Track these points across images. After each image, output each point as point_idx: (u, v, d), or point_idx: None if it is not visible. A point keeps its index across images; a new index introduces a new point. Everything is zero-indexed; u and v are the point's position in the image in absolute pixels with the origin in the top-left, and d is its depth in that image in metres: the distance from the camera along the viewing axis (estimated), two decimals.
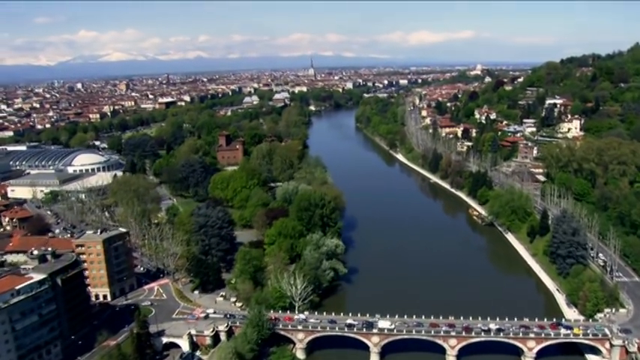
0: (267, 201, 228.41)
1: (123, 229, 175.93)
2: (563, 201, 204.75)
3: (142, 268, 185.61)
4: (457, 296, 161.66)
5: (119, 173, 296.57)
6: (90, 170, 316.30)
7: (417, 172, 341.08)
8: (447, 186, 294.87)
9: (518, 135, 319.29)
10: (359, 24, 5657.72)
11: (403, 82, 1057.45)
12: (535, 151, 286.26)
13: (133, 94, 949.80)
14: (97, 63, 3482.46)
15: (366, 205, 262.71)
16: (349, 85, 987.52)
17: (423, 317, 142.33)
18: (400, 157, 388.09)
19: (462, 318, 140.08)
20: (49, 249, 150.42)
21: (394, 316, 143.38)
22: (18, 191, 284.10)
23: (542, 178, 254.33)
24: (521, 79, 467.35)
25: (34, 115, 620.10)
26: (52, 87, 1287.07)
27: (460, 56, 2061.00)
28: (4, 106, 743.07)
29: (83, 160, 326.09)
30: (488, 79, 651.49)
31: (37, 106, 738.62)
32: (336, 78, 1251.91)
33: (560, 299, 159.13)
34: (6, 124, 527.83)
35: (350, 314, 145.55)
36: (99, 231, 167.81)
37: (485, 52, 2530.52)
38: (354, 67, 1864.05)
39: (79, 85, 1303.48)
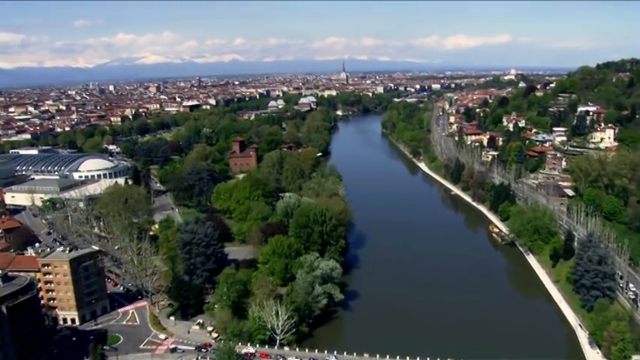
0: (268, 214, 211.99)
1: (95, 247, 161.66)
2: (592, 220, 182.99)
3: (121, 288, 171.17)
4: (469, 329, 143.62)
5: (121, 181, 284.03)
6: (96, 177, 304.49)
7: (440, 182, 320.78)
8: (468, 199, 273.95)
9: (547, 144, 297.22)
10: (395, 28, 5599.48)
11: (436, 86, 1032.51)
12: (564, 163, 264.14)
13: (162, 96, 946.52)
14: (133, 65, 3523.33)
15: (378, 219, 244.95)
16: (380, 90, 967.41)
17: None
18: (423, 165, 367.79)
19: None
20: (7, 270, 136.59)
21: (395, 357, 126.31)
22: (18, 198, 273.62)
23: (570, 192, 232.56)
24: (553, 85, 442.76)
25: (58, 118, 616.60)
26: (86, 89, 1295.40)
27: (496, 61, 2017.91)
28: (31, 108, 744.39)
29: (90, 166, 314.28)
30: (522, 85, 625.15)
31: (64, 108, 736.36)
32: (368, 82, 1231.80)
33: (582, 337, 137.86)
34: (26, 126, 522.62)
35: (344, 353, 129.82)
36: (67, 249, 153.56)
37: (521, 57, 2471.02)
38: (388, 71, 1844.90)
39: (111, 87, 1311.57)
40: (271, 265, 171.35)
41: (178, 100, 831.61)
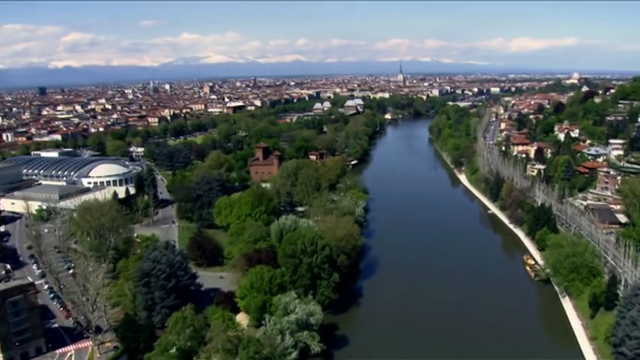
0: (262, 237, 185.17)
1: (29, 280, 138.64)
2: None
3: (72, 322, 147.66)
4: None
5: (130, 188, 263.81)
6: (105, 183, 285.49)
7: (479, 198, 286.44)
8: (506, 220, 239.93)
9: (601, 159, 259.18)
10: (458, 29, 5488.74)
11: (495, 90, 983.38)
12: (619, 182, 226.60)
13: (211, 96, 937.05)
14: (197, 65, 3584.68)
15: (398, 242, 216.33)
16: (435, 92, 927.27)
17: None
18: (463, 178, 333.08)
19: None
20: None
21: None
22: (18, 205, 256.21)
23: (623, 219, 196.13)
24: (614, 90, 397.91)
25: (99, 117, 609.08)
26: (144, 88, 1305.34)
27: (562, 64, 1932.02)
28: (78, 107, 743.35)
29: (100, 172, 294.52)
30: (585, 89, 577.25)
31: (109, 107, 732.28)
32: (425, 84, 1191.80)
33: None
34: (61, 126, 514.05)
35: None
36: None
37: (589, 60, 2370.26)
38: (451, 73, 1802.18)
39: (167, 86, 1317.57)
40: (247, 301, 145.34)
41: (226, 100, 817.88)
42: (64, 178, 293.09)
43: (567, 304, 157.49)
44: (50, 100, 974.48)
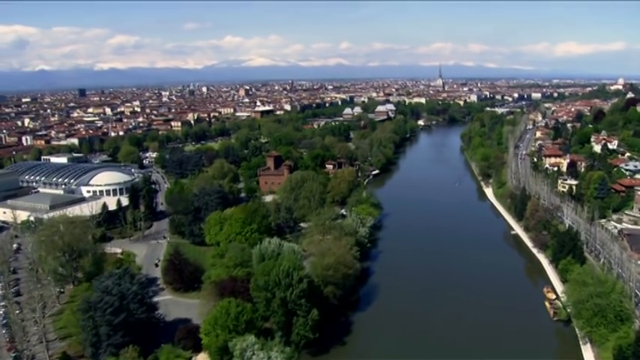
0: (243, 261, 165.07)
1: None
2: None
3: (27, 353, 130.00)
4: None
5: (123, 199, 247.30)
6: (105, 193, 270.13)
7: (504, 216, 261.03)
8: (529, 243, 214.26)
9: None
10: (502, 34, 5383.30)
11: (536, 95, 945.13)
12: None
13: (245, 100, 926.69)
14: (240, 67, 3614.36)
15: (405, 268, 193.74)
16: (473, 97, 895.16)
17: None
18: (489, 192, 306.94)
19: None
20: None
21: None
22: (9, 214, 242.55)
23: None
24: None
25: (125, 120, 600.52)
26: (180, 90, 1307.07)
27: (609, 69, 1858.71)
28: (108, 110, 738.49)
29: (101, 180, 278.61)
30: (630, 96, 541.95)
31: (138, 110, 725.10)
32: (465, 89, 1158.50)
33: None
34: (82, 129, 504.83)
35: None
36: None
37: (638, 65, 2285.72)
38: (494, 78, 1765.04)
39: (205, 89, 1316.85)
40: (209, 340, 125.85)
41: (258, 104, 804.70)
42: (63, 186, 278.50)
43: (588, 353, 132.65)
44: (86, 102, 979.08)
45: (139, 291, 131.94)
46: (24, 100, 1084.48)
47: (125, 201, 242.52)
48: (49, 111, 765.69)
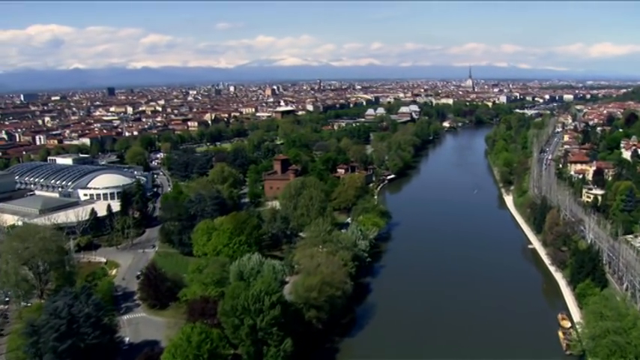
0: (223, 279, 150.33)
1: None
2: None
3: None
4: None
5: (114, 204, 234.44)
6: (102, 196, 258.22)
7: (522, 228, 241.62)
8: (547, 260, 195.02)
9: None
10: (536, 34, 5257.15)
11: (568, 97, 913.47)
12: None
13: (270, 99, 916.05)
14: (271, 67, 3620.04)
15: (408, 285, 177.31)
16: (502, 99, 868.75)
17: None
18: (510, 200, 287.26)
19: None
20: None
21: None
22: None
23: None
24: None
25: (143, 120, 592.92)
26: (208, 90, 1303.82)
27: None
28: (130, 109, 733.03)
29: (100, 183, 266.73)
30: None
31: (159, 109, 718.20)
32: (495, 90, 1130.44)
33: None
34: (96, 129, 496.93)
35: None
36: None
37: None
38: (527, 79, 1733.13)
39: (232, 88, 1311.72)
40: None
41: (282, 104, 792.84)
42: (60, 189, 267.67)
43: None
44: (112, 101, 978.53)
45: (92, 313, 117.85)
46: (53, 98, 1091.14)
47: (117, 206, 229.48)
48: (73, 110, 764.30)
